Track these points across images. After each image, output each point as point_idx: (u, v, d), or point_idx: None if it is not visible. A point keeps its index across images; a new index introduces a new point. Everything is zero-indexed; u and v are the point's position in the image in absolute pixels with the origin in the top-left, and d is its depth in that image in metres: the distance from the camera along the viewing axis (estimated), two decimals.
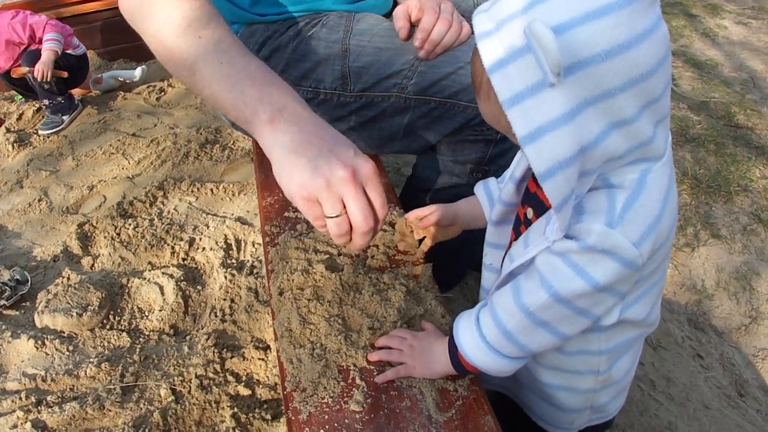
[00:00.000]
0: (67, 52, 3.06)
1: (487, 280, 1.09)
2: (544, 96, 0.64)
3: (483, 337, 0.88)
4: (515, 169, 0.98)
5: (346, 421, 0.90)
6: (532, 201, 0.91)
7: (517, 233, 0.97)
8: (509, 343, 0.86)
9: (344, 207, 0.85)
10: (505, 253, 0.98)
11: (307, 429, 0.89)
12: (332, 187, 0.84)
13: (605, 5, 0.62)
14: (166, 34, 1.01)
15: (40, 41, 2.95)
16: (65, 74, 2.94)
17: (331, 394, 0.94)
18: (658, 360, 1.82)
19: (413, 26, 1.38)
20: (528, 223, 0.91)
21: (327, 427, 0.89)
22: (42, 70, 2.83)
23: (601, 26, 0.62)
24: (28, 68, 2.87)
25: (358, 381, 0.96)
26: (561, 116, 0.65)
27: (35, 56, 2.90)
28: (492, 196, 1.12)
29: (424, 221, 1.16)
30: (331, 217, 0.85)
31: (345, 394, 0.94)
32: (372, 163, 0.87)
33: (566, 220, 0.74)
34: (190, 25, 1.00)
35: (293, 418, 0.91)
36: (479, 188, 1.15)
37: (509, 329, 0.85)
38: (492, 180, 1.15)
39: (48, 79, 2.86)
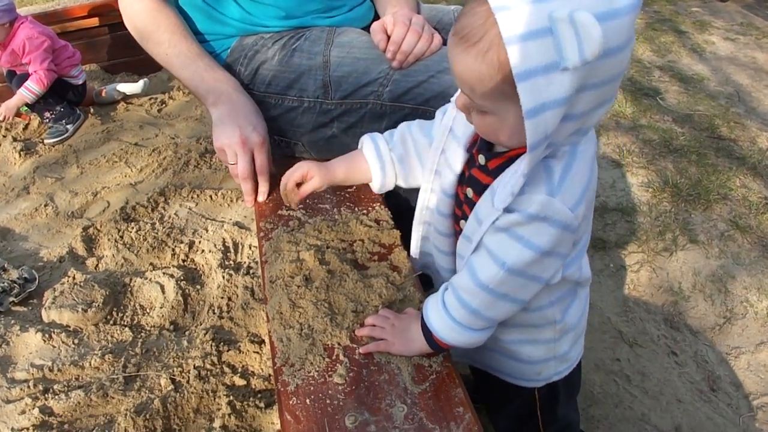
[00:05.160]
0: (66, 80, 3.21)
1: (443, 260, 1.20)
2: (554, 77, 0.72)
3: (453, 319, 0.97)
4: (453, 163, 1.06)
5: (330, 392, 1.00)
6: (470, 182, 1.01)
7: (461, 211, 1.07)
8: (477, 319, 0.96)
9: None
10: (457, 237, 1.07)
11: (294, 398, 0.99)
12: (230, 146, 1.46)
13: (617, 9, 0.72)
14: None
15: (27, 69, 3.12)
16: (27, 119, 3.15)
17: (317, 369, 1.03)
18: (633, 356, 1.91)
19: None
20: (470, 202, 1.00)
21: (312, 397, 0.99)
22: (4, 113, 3.07)
23: (613, 26, 0.72)
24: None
25: (341, 357, 1.05)
26: (563, 98, 0.73)
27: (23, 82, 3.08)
28: (383, 159, 1.21)
29: (301, 192, 1.25)
30: (230, 164, 1.49)
31: (329, 369, 1.03)
32: (262, 137, 1.47)
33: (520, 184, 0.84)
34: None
35: (282, 389, 1.01)
36: (370, 150, 1.23)
37: (475, 308, 0.94)
38: (381, 141, 1.22)
39: (9, 120, 3.12)
